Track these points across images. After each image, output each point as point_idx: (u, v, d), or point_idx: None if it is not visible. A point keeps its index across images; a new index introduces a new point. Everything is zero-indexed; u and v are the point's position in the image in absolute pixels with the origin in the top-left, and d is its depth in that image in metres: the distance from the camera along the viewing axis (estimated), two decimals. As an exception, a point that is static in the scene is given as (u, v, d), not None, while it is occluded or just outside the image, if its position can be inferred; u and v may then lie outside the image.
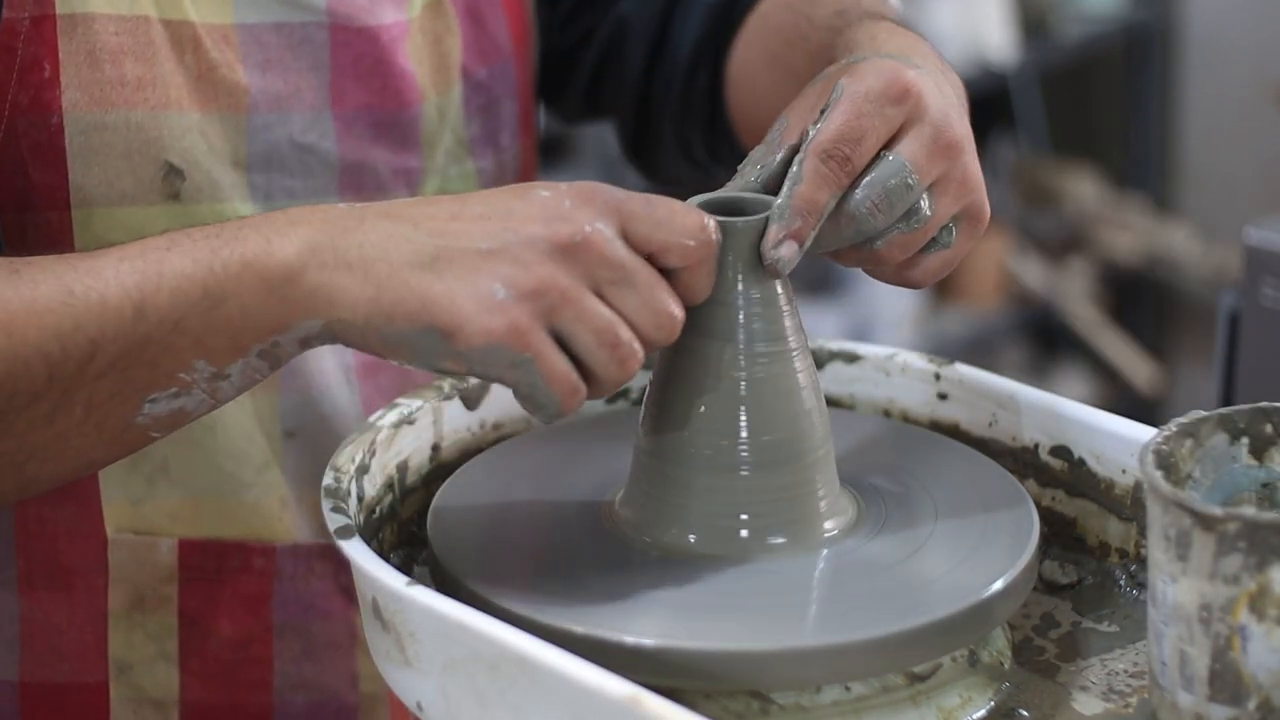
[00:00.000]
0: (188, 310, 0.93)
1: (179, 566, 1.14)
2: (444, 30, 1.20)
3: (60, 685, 1.14)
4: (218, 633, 1.15)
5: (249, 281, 0.92)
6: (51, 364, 0.92)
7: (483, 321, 0.90)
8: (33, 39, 1.05)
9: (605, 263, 0.92)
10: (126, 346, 0.93)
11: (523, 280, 0.91)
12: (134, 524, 1.13)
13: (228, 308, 0.92)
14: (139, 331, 0.93)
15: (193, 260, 0.93)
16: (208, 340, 0.93)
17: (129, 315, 0.93)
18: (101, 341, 0.93)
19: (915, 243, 0.98)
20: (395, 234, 0.93)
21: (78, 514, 1.12)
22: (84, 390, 0.93)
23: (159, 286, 0.93)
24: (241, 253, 0.93)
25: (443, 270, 0.91)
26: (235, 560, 1.14)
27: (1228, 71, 3.66)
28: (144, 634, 1.14)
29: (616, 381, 0.93)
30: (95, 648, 1.14)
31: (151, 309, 0.93)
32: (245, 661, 1.16)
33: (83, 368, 0.93)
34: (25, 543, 1.13)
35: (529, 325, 0.90)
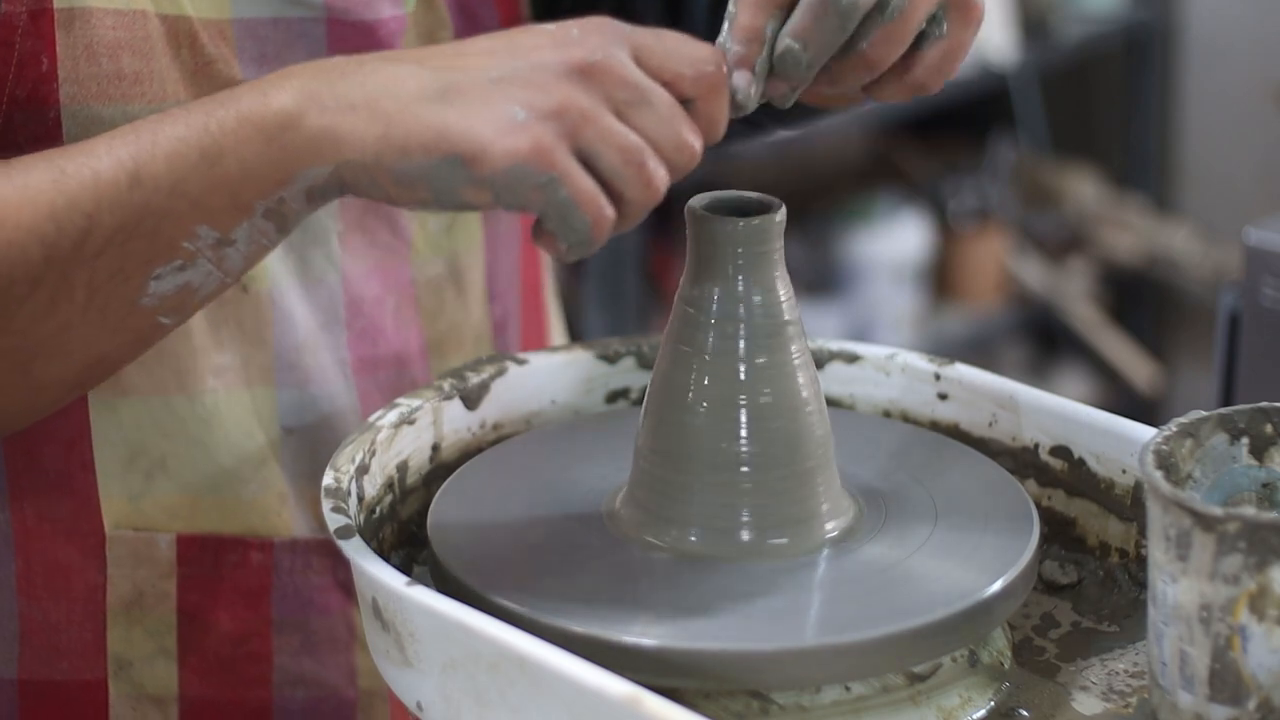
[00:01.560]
0: (186, 173, 0.91)
1: (177, 562, 1.14)
2: (436, 25, 1.20)
3: (59, 683, 1.14)
4: (217, 628, 1.15)
5: (246, 134, 0.91)
6: (47, 245, 0.91)
7: (505, 143, 0.89)
8: (30, 32, 1.05)
9: (622, 83, 0.91)
10: (124, 218, 0.91)
11: (541, 101, 0.89)
12: (132, 520, 1.13)
13: (226, 164, 0.91)
14: (136, 200, 0.91)
15: (186, 125, 0.92)
16: (208, 201, 0.92)
17: (124, 185, 0.92)
18: (98, 215, 0.91)
19: (901, 34, 0.96)
20: (399, 73, 0.91)
21: (76, 511, 1.12)
22: (84, 270, 0.92)
23: (153, 154, 0.92)
24: (237, 109, 0.92)
25: (455, 100, 0.90)
26: (233, 556, 1.14)
27: (1228, 71, 3.65)
28: (143, 630, 1.14)
29: (644, 204, 0.91)
30: (94, 645, 1.14)
31: (148, 176, 0.91)
32: (244, 657, 1.16)
33: (80, 245, 0.91)
34: (23, 541, 1.13)
35: (553, 144, 0.89)
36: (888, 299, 3.43)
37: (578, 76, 0.90)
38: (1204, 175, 3.75)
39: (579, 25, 0.92)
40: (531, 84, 0.90)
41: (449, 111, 0.89)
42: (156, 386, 1.11)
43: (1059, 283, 3.68)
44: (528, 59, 0.91)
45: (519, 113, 0.89)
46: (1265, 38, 3.58)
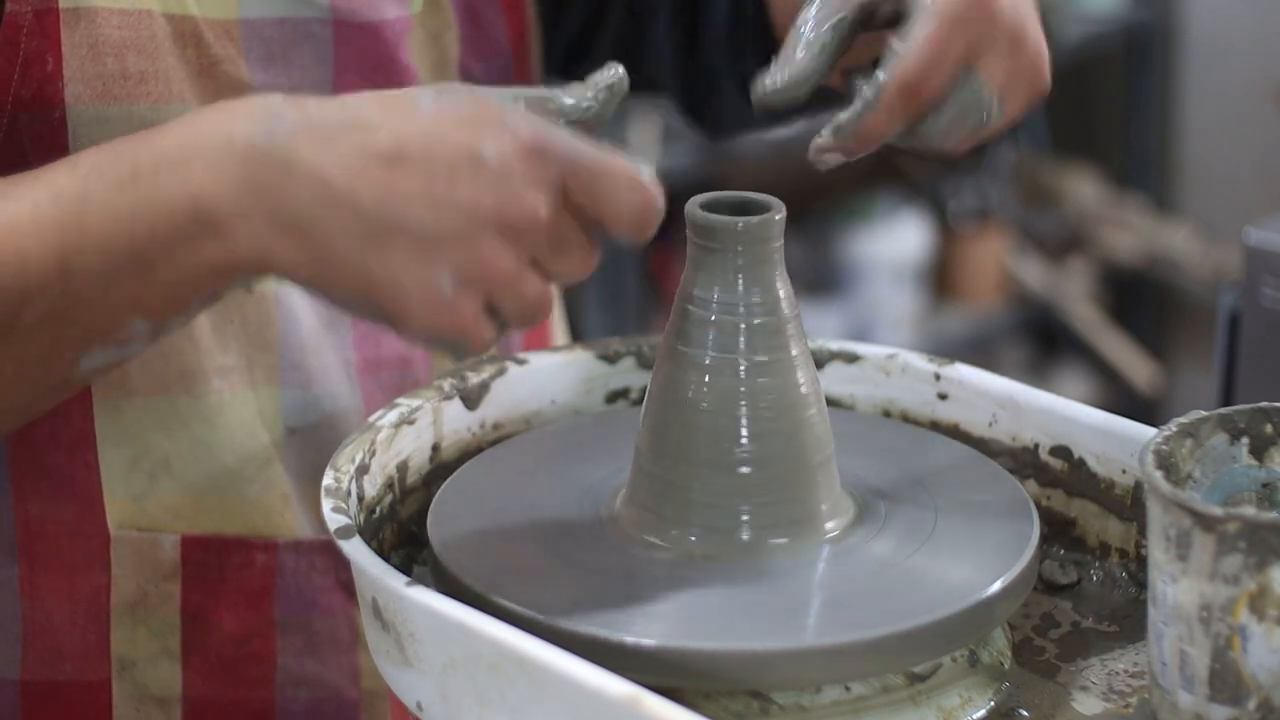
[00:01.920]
0: (117, 274, 0.90)
1: (181, 563, 1.14)
2: (442, 26, 1.20)
3: (62, 684, 1.14)
4: (220, 629, 1.15)
5: (178, 244, 0.89)
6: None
7: (429, 319, 0.89)
8: (36, 32, 1.05)
9: (549, 237, 0.89)
10: (55, 306, 0.90)
11: (470, 269, 0.88)
12: (136, 521, 1.13)
13: (160, 271, 0.90)
14: (69, 290, 0.90)
15: (113, 217, 0.89)
16: (142, 300, 0.91)
17: (53, 275, 0.90)
18: (26, 300, 0.90)
19: (979, 138, 1.00)
20: (330, 196, 0.88)
21: (80, 512, 1.12)
22: (15, 345, 0.91)
23: (83, 247, 0.89)
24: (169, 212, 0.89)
25: (386, 248, 0.88)
26: (237, 556, 1.14)
27: (1228, 71, 3.65)
28: (147, 631, 1.14)
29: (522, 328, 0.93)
30: (97, 645, 1.14)
31: (78, 270, 0.89)
32: (247, 658, 1.16)
33: (9, 325, 0.90)
34: (27, 542, 1.13)
35: (472, 314, 0.89)
36: (888, 299, 3.43)
37: (508, 235, 0.88)
38: (1204, 175, 3.75)
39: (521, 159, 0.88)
40: (463, 245, 0.87)
41: (377, 264, 0.87)
42: (160, 387, 1.11)
43: (1059, 283, 3.68)
44: (467, 212, 0.87)
45: (446, 282, 0.88)
46: (1265, 38, 3.58)
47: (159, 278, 0.90)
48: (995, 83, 0.98)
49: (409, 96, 0.91)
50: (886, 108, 0.96)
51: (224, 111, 0.92)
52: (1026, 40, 0.99)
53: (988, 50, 0.97)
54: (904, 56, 0.96)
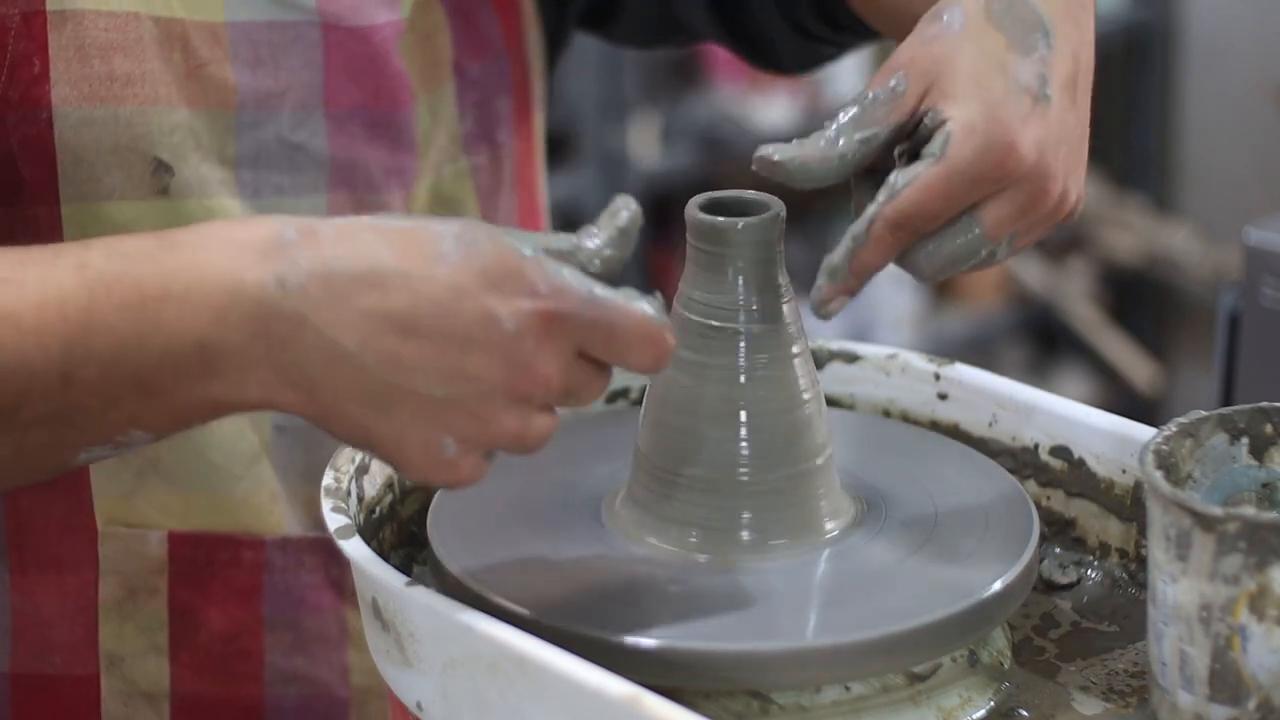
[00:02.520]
0: (120, 392, 0.87)
1: (169, 559, 1.14)
2: (434, 27, 1.20)
3: (51, 677, 1.14)
4: (208, 625, 1.15)
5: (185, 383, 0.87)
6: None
7: (429, 475, 0.89)
8: (23, 34, 1.05)
9: (557, 393, 0.89)
10: (56, 409, 0.88)
11: (475, 434, 0.87)
12: (124, 516, 1.13)
13: (166, 400, 0.88)
14: (70, 399, 0.87)
15: (119, 343, 0.87)
16: (147, 420, 0.89)
17: (55, 382, 0.87)
18: (27, 399, 0.87)
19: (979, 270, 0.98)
20: (339, 357, 0.86)
21: (68, 506, 1.12)
22: (11, 436, 0.89)
23: (85, 362, 0.87)
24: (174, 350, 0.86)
25: (390, 410, 0.86)
26: (225, 553, 1.14)
27: (1228, 71, 3.65)
28: (135, 626, 1.14)
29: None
30: (86, 640, 1.14)
31: (80, 381, 0.87)
32: (236, 654, 1.16)
33: (9, 418, 0.88)
34: (15, 535, 1.13)
35: (472, 471, 0.89)
36: (888, 299, 3.42)
37: (518, 400, 0.87)
38: (1204, 175, 3.75)
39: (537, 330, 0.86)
40: (472, 414, 0.87)
41: (382, 423, 0.87)
42: None
43: (1059, 283, 3.68)
44: (473, 382, 0.86)
45: (450, 446, 0.87)
46: (1265, 38, 3.58)
47: (162, 404, 0.88)
48: (1001, 230, 0.94)
49: (430, 238, 0.87)
50: (876, 242, 0.94)
51: (234, 243, 0.87)
52: (1049, 186, 0.94)
53: (997, 200, 0.94)
54: (900, 196, 0.93)
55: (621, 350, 0.89)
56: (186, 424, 0.90)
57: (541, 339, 0.87)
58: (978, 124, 0.92)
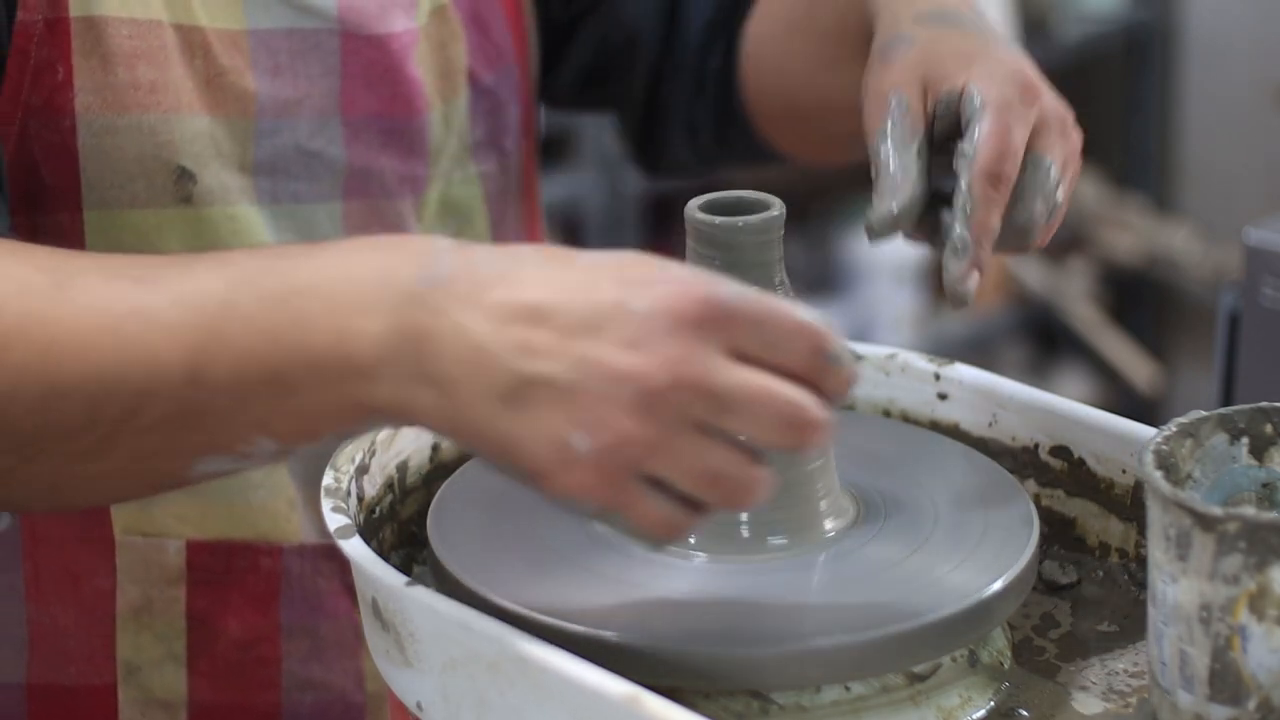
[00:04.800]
0: (249, 393, 0.85)
1: (187, 568, 1.14)
2: (449, 36, 1.20)
3: (68, 687, 1.14)
4: (226, 633, 1.15)
5: (319, 379, 0.85)
6: (93, 405, 0.86)
7: (562, 478, 0.83)
8: (46, 41, 1.05)
9: (702, 397, 0.82)
10: (179, 409, 0.86)
11: (603, 434, 0.82)
12: (142, 526, 1.13)
13: (298, 400, 0.85)
14: (195, 398, 0.86)
15: (256, 335, 0.85)
16: (275, 424, 0.86)
17: (180, 379, 0.85)
18: (150, 398, 0.86)
19: (1054, 227, 1.03)
20: (471, 348, 0.83)
21: (86, 517, 1.12)
22: (128, 440, 0.87)
23: (217, 355, 0.85)
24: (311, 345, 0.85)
25: (522, 407, 0.83)
26: (243, 561, 1.14)
27: (1228, 71, 3.65)
28: (152, 635, 1.14)
29: (737, 507, 0.86)
30: (103, 649, 1.14)
31: (209, 378, 0.85)
32: (253, 662, 1.16)
33: (127, 419, 0.86)
34: (32, 546, 1.12)
35: (610, 479, 0.83)
36: (887, 299, 3.42)
37: (649, 402, 0.81)
38: (1204, 175, 3.75)
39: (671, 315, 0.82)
40: (599, 405, 0.81)
41: (514, 423, 0.82)
42: None
43: (1059, 283, 3.68)
44: (604, 367, 0.82)
45: (581, 442, 0.82)
46: (1265, 38, 3.58)
47: (293, 405, 0.86)
48: (1058, 154, 1.02)
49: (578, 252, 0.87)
50: (982, 200, 0.98)
51: (389, 249, 0.87)
52: (1068, 121, 1.04)
53: (1044, 132, 1.02)
54: (978, 153, 0.99)
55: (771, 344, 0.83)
56: (314, 433, 0.87)
57: (678, 325, 0.82)
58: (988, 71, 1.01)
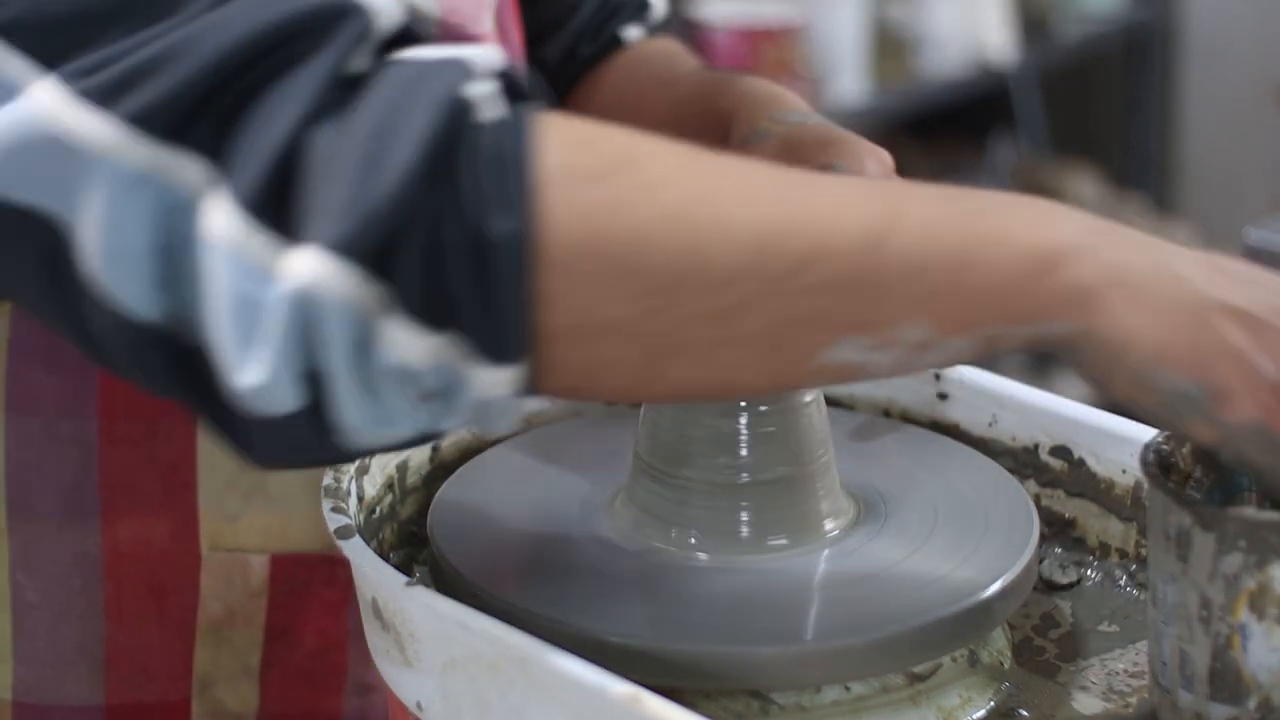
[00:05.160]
0: (929, 259, 0.82)
1: (270, 581, 1.13)
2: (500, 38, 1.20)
3: (145, 704, 1.13)
4: (301, 644, 1.14)
5: (1011, 253, 0.82)
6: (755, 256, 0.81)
7: (1250, 397, 0.83)
8: None
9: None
10: (847, 273, 0.82)
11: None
12: (226, 541, 1.11)
13: (977, 274, 0.82)
14: (867, 264, 0.82)
15: (944, 211, 0.83)
16: (941, 301, 0.83)
17: (860, 241, 0.82)
18: (817, 258, 0.81)
19: None
20: (1164, 267, 0.83)
21: (173, 533, 1.11)
22: (781, 301, 0.82)
23: (896, 227, 0.82)
24: (1004, 226, 0.83)
25: (1212, 324, 0.83)
26: (322, 572, 1.13)
27: (1228, 71, 3.66)
28: (230, 649, 1.13)
29: None
30: (181, 665, 1.12)
31: (890, 246, 0.82)
32: (322, 670, 1.15)
33: (787, 277, 0.81)
34: (115, 565, 1.11)
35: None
36: (888, 299, 3.42)
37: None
38: (1204, 175, 3.76)
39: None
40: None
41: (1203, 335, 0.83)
42: None
43: (1059, 283, 3.68)
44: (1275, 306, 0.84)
45: (1267, 365, 0.83)
46: (1265, 38, 3.58)
47: (968, 281, 0.83)
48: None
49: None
50: None
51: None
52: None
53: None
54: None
55: None
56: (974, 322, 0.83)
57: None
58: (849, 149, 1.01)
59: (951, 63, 3.46)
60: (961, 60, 3.46)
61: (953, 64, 3.46)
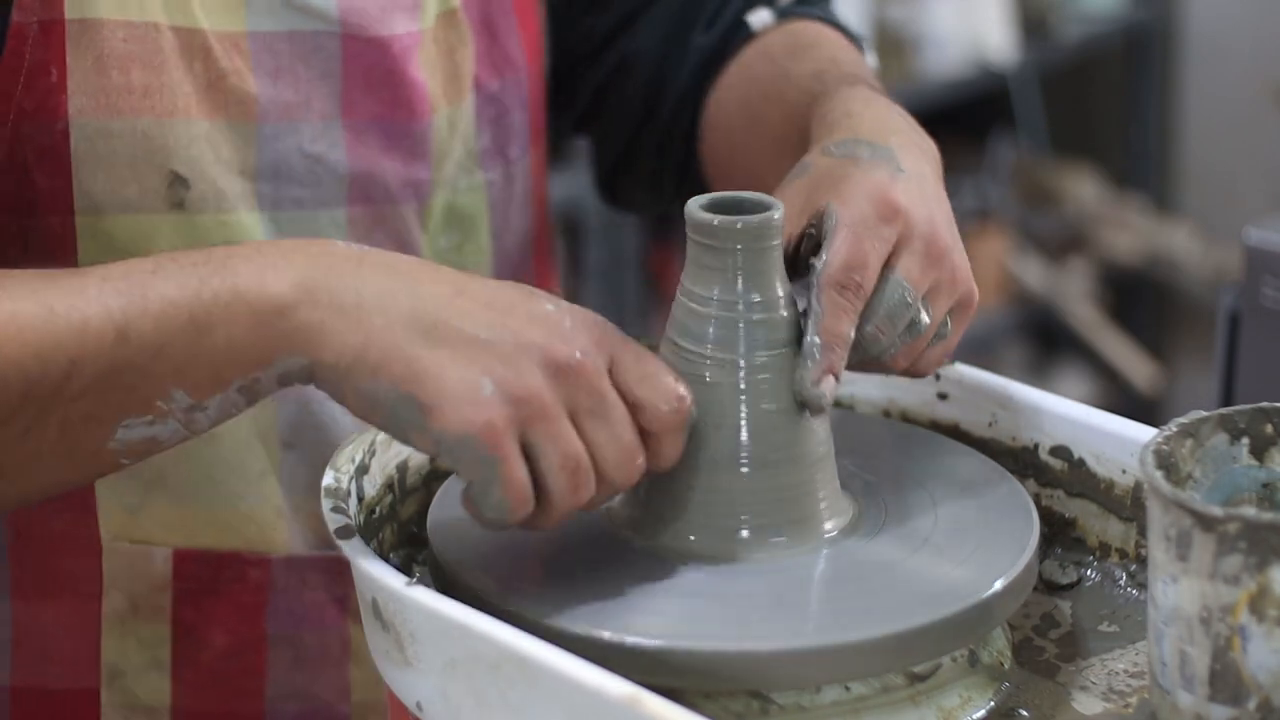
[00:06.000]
0: (171, 337, 0.92)
1: (173, 576, 1.13)
2: (457, 41, 1.20)
3: (51, 690, 1.14)
4: (211, 643, 1.15)
5: (238, 312, 0.92)
6: (29, 381, 0.92)
7: (465, 411, 0.90)
8: (40, 44, 1.05)
9: (588, 391, 0.92)
10: (105, 369, 0.92)
11: (512, 384, 0.91)
12: (130, 533, 1.13)
13: (214, 338, 0.92)
14: (120, 356, 0.92)
15: (179, 286, 0.93)
16: (189, 371, 0.93)
17: (110, 339, 0.92)
18: (81, 362, 0.92)
19: (918, 349, 1.01)
20: (394, 289, 0.93)
21: (73, 521, 1.12)
22: (59, 410, 0.93)
23: (144, 311, 0.92)
24: (234, 283, 0.92)
25: (436, 343, 0.91)
26: (230, 571, 1.14)
27: (1228, 71, 3.66)
28: (137, 641, 1.14)
29: (566, 506, 0.93)
30: (87, 654, 1.13)
31: (134, 333, 0.92)
32: (238, 670, 1.15)
33: (60, 388, 0.92)
34: (18, 548, 1.12)
35: (504, 428, 0.90)
36: (888, 299, 3.42)
37: (553, 370, 0.92)
38: (1204, 175, 3.75)
39: (573, 317, 0.94)
40: (510, 361, 0.91)
41: (426, 352, 0.91)
42: None
43: (1059, 283, 3.68)
44: (516, 334, 0.92)
45: (487, 385, 0.91)
46: (1265, 38, 3.58)
47: (209, 345, 0.92)
48: (916, 283, 0.99)
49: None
50: (830, 307, 0.97)
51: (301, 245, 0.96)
52: (942, 247, 1.01)
53: (904, 251, 0.99)
54: (827, 260, 0.97)
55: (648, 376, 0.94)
56: (224, 380, 0.93)
57: (577, 328, 0.93)
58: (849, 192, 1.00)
59: (951, 63, 3.46)
60: (961, 60, 3.46)
61: (953, 64, 3.46)
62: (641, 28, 1.31)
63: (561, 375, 0.92)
